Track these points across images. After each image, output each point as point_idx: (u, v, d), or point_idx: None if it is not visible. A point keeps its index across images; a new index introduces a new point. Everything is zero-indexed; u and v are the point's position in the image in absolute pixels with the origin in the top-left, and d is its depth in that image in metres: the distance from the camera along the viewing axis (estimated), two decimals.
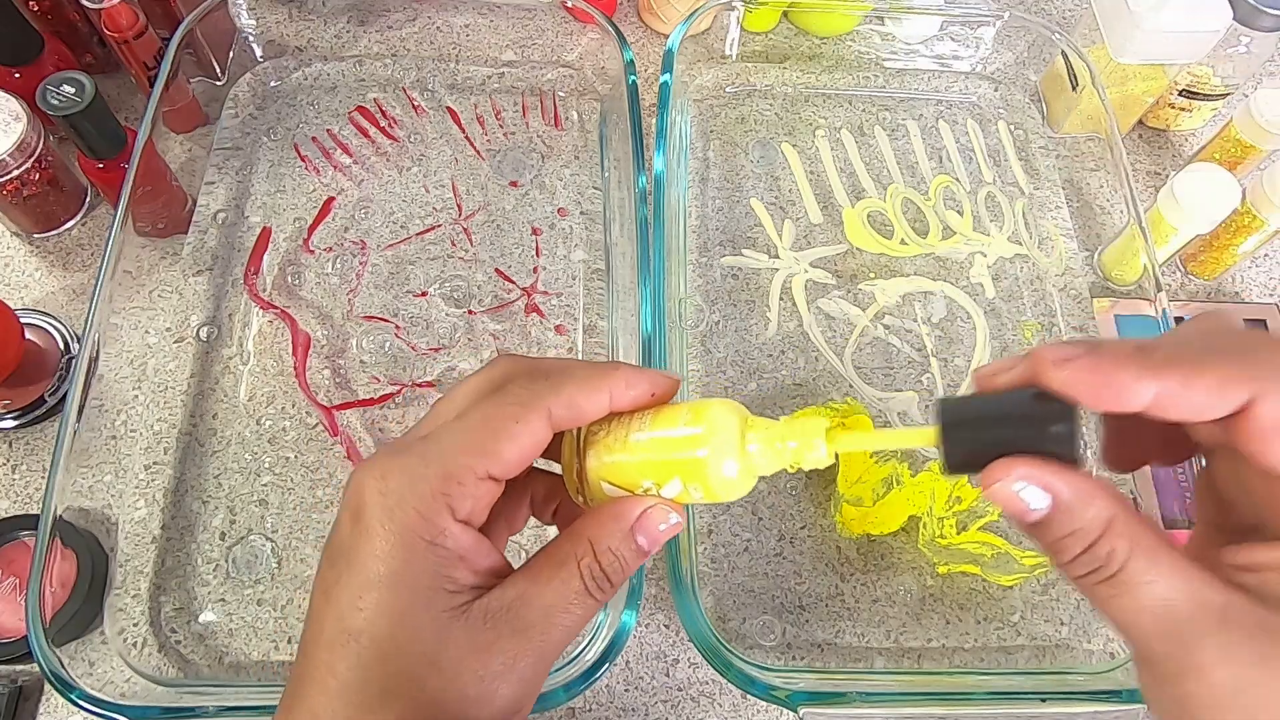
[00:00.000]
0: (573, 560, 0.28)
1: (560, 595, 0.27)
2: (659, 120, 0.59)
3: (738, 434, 0.27)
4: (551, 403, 0.27)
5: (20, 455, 0.54)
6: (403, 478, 0.26)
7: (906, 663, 0.51)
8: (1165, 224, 0.59)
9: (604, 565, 0.28)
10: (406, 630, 0.26)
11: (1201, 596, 0.22)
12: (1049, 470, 0.24)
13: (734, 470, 0.27)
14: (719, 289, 0.61)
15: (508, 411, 0.27)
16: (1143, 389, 0.23)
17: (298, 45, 0.69)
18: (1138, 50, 0.62)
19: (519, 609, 0.27)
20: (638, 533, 0.28)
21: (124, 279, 0.54)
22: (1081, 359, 0.23)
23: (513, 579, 0.28)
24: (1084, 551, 0.24)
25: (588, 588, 0.27)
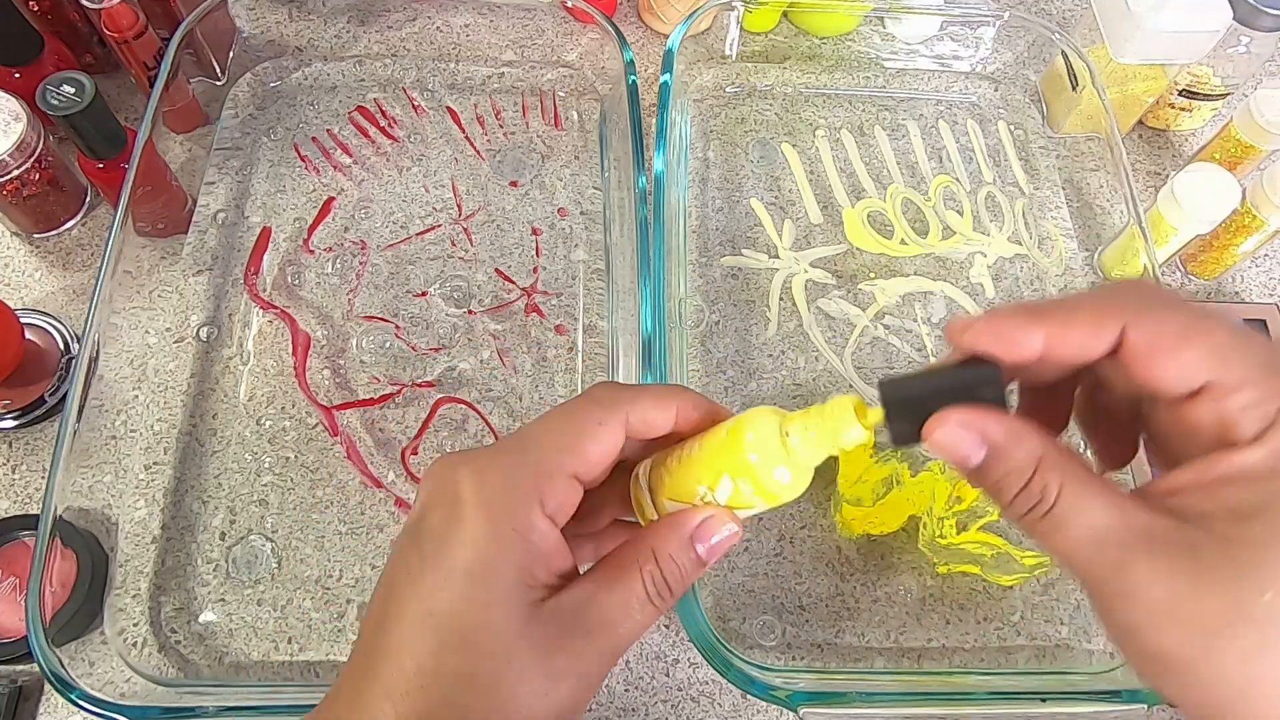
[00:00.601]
0: (635, 567, 0.29)
1: (624, 600, 0.28)
2: (659, 120, 0.59)
3: (776, 431, 0.28)
4: (629, 409, 0.29)
5: (20, 455, 0.54)
6: (500, 472, 0.28)
7: (906, 663, 0.51)
8: (1165, 224, 0.59)
9: (665, 573, 0.29)
10: (488, 621, 0.27)
11: (1129, 521, 0.24)
12: (980, 415, 0.26)
13: (782, 469, 0.28)
14: (719, 289, 0.61)
15: (592, 414, 0.29)
16: (1032, 334, 0.25)
17: (298, 45, 0.69)
18: (1138, 50, 0.62)
19: (586, 611, 0.28)
20: (696, 541, 0.29)
21: (124, 279, 0.54)
22: (980, 320, 0.26)
23: (580, 583, 0.29)
24: (1021, 490, 0.25)
25: (649, 594, 0.29)
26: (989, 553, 0.52)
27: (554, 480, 0.28)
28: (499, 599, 0.27)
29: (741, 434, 0.28)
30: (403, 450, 0.54)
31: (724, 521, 0.29)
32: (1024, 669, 0.51)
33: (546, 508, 0.28)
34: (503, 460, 0.28)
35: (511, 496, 0.27)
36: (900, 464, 0.53)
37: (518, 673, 0.27)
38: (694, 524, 0.29)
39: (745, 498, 0.29)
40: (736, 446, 0.28)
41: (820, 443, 0.28)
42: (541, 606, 0.28)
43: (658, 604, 0.29)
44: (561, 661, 0.27)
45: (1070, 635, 0.52)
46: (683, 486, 0.30)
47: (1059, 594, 0.53)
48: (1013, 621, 0.52)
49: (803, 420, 0.28)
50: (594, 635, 0.28)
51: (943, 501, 0.53)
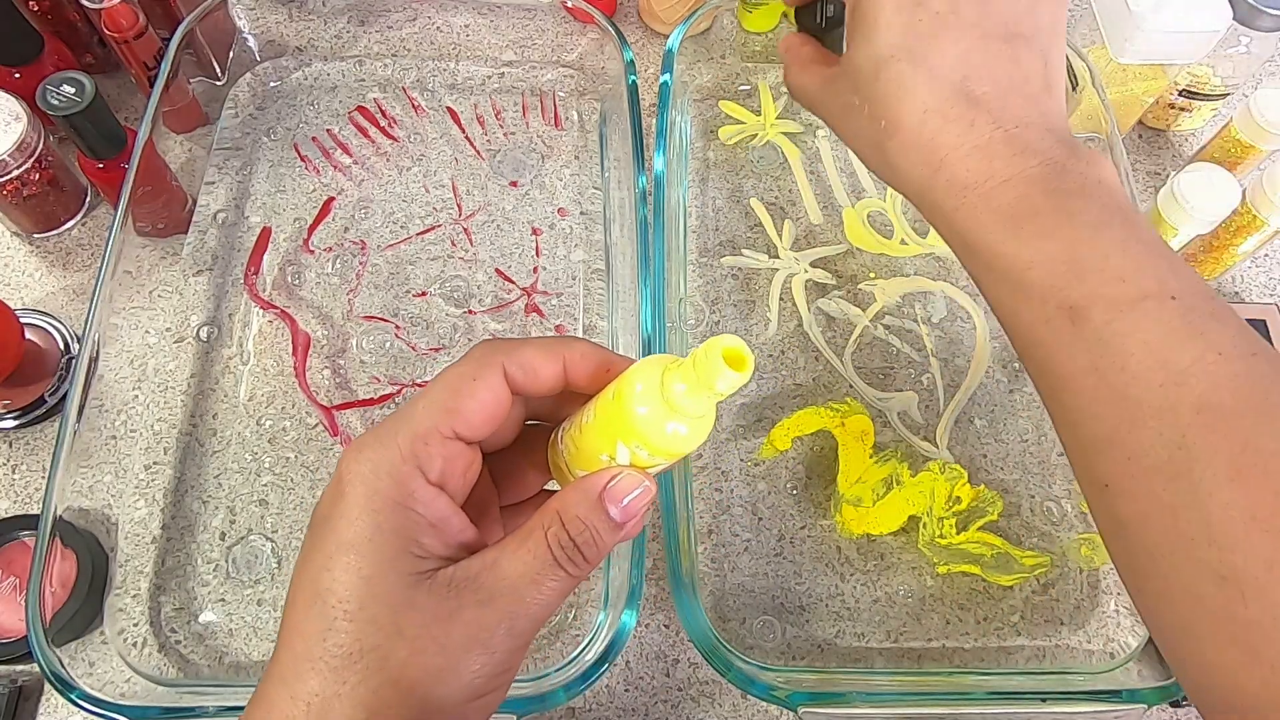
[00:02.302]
0: (539, 530, 0.28)
1: (527, 565, 0.27)
2: (659, 120, 0.59)
3: (658, 384, 0.27)
4: (505, 361, 0.28)
5: (20, 455, 0.54)
6: (377, 444, 0.27)
7: (906, 663, 0.51)
8: (1165, 224, 0.59)
9: (573, 534, 0.28)
10: (372, 592, 0.26)
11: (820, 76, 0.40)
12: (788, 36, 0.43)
13: (671, 423, 0.27)
14: (719, 289, 0.61)
15: (465, 371, 0.28)
16: None
17: (298, 45, 0.69)
18: (1138, 50, 0.62)
19: (484, 579, 0.27)
20: (607, 502, 0.28)
21: (124, 279, 0.54)
22: None
23: (481, 553, 0.28)
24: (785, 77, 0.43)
25: (557, 558, 0.27)
26: (989, 553, 0.52)
27: (430, 444, 0.27)
28: (381, 570, 0.26)
29: (627, 392, 0.27)
30: None
31: (636, 481, 0.28)
32: (1024, 669, 0.51)
33: (429, 474, 0.27)
34: (379, 431, 0.28)
35: (388, 467, 0.27)
36: (900, 464, 0.53)
37: (409, 644, 0.26)
38: (602, 485, 0.28)
39: (643, 459, 0.28)
40: (623, 406, 0.27)
41: (698, 392, 0.26)
42: (434, 576, 0.27)
43: (570, 569, 0.28)
44: (458, 632, 0.26)
45: (1070, 635, 0.52)
46: (585, 455, 0.29)
47: (1059, 594, 0.53)
48: (1013, 621, 0.52)
49: (678, 371, 0.26)
50: (494, 602, 0.27)
51: (942, 501, 0.53)
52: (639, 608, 0.44)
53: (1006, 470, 0.56)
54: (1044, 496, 0.56)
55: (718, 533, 0.53)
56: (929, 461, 0.55)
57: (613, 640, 0.44)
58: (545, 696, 0.43)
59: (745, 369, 0.25)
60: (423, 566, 0.27)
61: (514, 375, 0.29)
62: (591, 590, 0.51)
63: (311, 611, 0.26)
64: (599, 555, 0.28)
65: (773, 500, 0.54)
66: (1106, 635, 0.52)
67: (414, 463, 0.27)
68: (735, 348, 0.25)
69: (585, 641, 0.46)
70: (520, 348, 0.29)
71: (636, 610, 0.44)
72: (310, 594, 0.26)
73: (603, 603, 0.49)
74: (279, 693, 0.26)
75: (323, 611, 0.26)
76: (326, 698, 0.25)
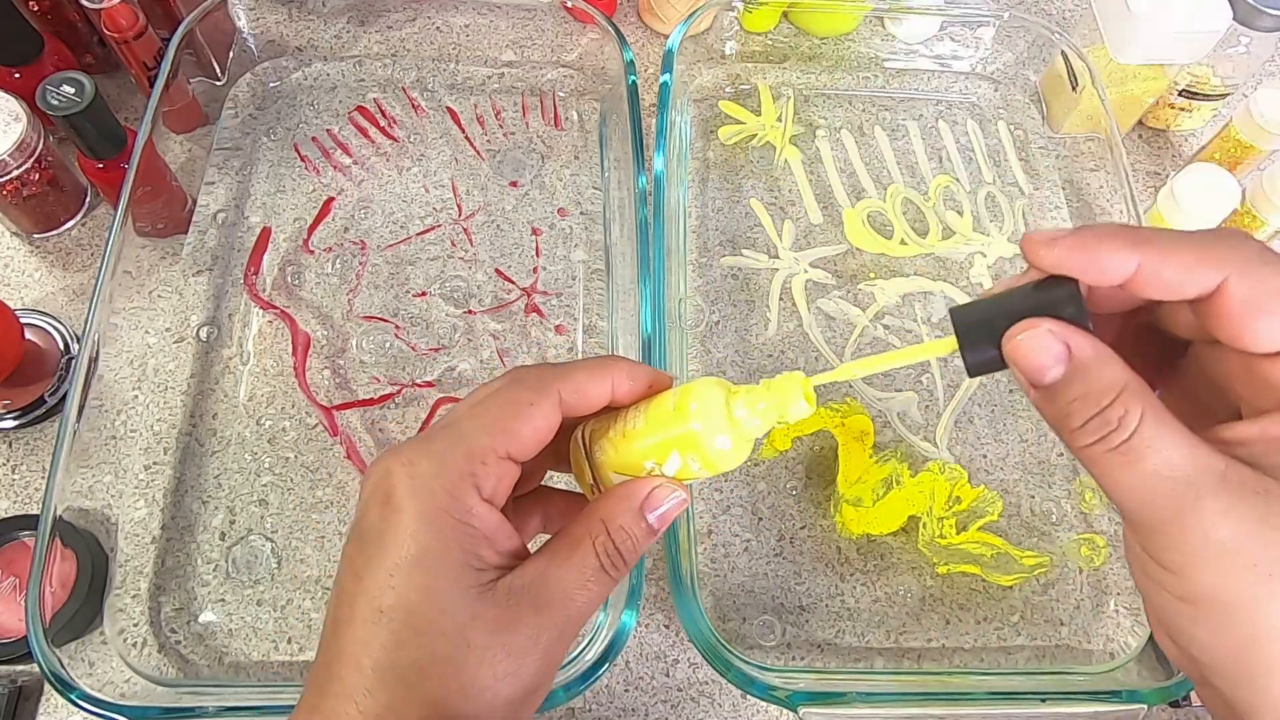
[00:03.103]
0: (587, 539, 0.29)
1: (578, 573, 0.29)
2: (659, 120, 0.59)
3: (723, 403, 0.29)
4: (560, 386, 0.30)
5: (20, 455, 0.54)
6: (430, 460, 0.28)
7: (906, 663, 0.51)
8: (1165, 224, 0.59)
9: (617, 543, 0.29)
10: (438, 606, 0.27)
11: (1205, 462, 0.23)
12: (1067, 327, 0.24)
13: (725, 438, 0.29)
14: (719, 289, 0.61)
15: (522, 395, 0.29)
16: (1126, 259, 0.24)
17: (298, 45, 0.69)
18: (1138, 50, 0.62)
19: (540, 587, 0.28)
20: (646, 510, 0.30)
21: (124, 279, 0.54)
22: (1068, 236, 0.25)
23: (532, 560, 0.29)
24: (1096, 415, 0.24)
25: (603, 565, 0.29)
26: (989, 553, 0.52)
27: (487, 464, 0.28)
28: (447, 584, 0.27)
29: (688, 407, 0.29)
30: None
31: (672, 490, 0.30)
32: (1024, 669, 0.51)
33: (483, 491, 0.28)
34: (433, 448, 0.28)
35: (445, 483, 0.27)
36: (900, 464, 0.53)
37: (478, 654, 0.27)
38: (643, 495, 0.29)
39: (693, 470, 0.30)
40: (683, 420, 0.29)
41: (767, 415, 0.29)
42: (494, 587, 0.28)
43: (612, 574, 0.29)
44: (521, 638, 0.27)
45: (1070, 635, 0.52)
46: (628, 461, 0.30)
47: (1059, 594, 0.53)
48: (1013, 621, 0.52)
49: (749, 394, 0.29)
50: (550, 608, 0.28)
51: (942, 501, 0.53)
52: (639, 608, 0.44)
53: (1006, 470, 0.56)
54: (1044, 496, 0.56)
55: (718, 533, 0.53)
56: (929, 462, 0.55)
57: (613, 640, 0.44)
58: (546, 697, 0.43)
59: (813, 404, 0.29)
60: (483, 578, 0.28)
61: (567, 400, 0.30)
62: None
63: (378, 628, 0.27)
64: (635, 559, 0.30)
65: (773, 500, 0.54)
66: (1106, 635, 0.52)
67: (471, 480, 0.28)
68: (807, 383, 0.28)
69: (585, 641, 0.46)
70: (572, 373, 0.30)
71: (636, 610, 0.44)
72: (373, 611, 0.27)
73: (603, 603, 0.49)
74: (344, 708, 0.27)
75: (391, 628, 0.27)
76: (398, 710, 0.26)
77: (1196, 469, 0.23)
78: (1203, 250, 0.24)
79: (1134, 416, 0.23)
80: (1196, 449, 0.23)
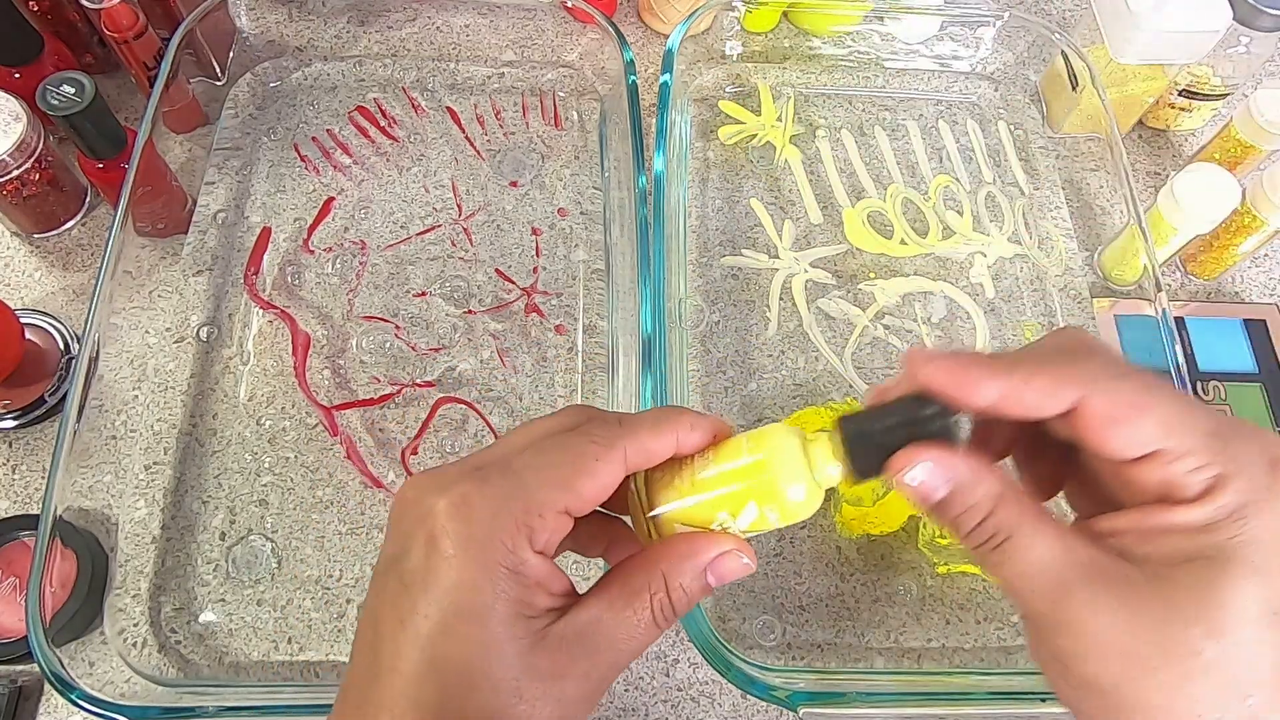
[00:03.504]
0: (645, 593, 0.28)
1: (631, 624, 0.28)
2: (659, 120, 0.59)
3: (800, 452, 0.28)
4: (628, 444, 0.28)
5: (20, 455, 0.54)
6: (486, 507, 0.27)
7: (906, 663, 0.51)
8: (1165, 224, 0.59)
9: (674, 600, 0.29)
10: (493, 660, 0.26)
11: (1073, 556, 0.26)
12: (945, 455, 0.27)
13: (801, 487, 0.28)
14: (719, 289, 0.61)
15: (590, 450, 0.28)
16: (990, 386, 0.26)
17: (298, 45, 0.69)
18: (1138, 50, 0.62)
19: (592, 634, 0.28)
20: (710, 572, 0.29)
21: (124, 279, 0.54)
22: (942, 360, 0.27)
23: (586, 603, 0.28)
24: (978, 524, 0.27)
25: (655, 618, 0.28)
26: None
27: (545, 518, 0.27)
28: (499, 638, 0.26)
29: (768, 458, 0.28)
30: (403, 450, 0.54)
31: (741, 559, 0.29)
32: (1024, 669, 0.51)
33: (535, 544, 0.27)
34: (488, 492, 0.27)
35: (499, 534, 0.26)
36: None
37: (530, 705, 0.26)
38: (710, 556, 0.29)
39: (770, 522, 0.29)
40: (762, 472, 0.28)
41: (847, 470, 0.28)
42: (546, 634, 0.27)
43: (661, 626, 0.29)
44: (571, 687, 0.27)
45: None
46: (698, 512, 0.29)
47: None
48: (1013, 621, 0.52)
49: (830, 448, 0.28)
50: (600, 655, 0.28)
51: None
52: None
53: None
54: None
55: None
56: None
57: None
58: None
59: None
60: (536, 626, 0.27)
61: (632, 458, 0.29)
62: None
63: (428, 682, 0.26)
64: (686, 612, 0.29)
65: None
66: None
67: (526, 533, 0.27)
68: None
69: None
70: (638, 432, 0.29)
71: None
72: (423, 661, 0.26)
73: None
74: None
75: (443, 681, 0.26)
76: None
77: (1067, 563, 0.26)
78: (1060, 372, 0.26)
79: (1008, 525, 0.26)
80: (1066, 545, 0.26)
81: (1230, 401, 0.60)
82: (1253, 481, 0.25)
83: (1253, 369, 0.62)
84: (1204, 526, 0.25)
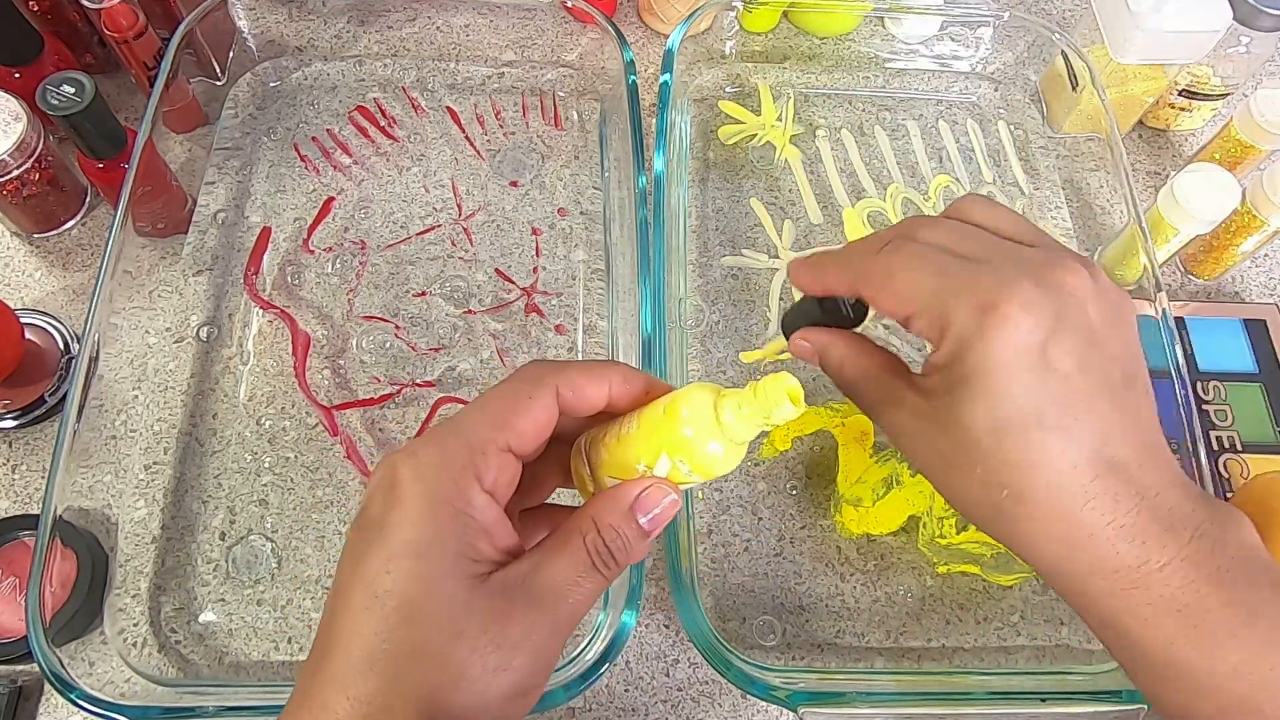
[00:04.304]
0: (578, 536, 0.29)
1: (569, 569, 0.29)
2: (659, 120, 0.59)
3: (711, 408, 0.29)
4: (559, 381, 0.30)
5: (20, 455, 0.54)
6: (434, 451, 0.28)
7: (906, 663, 0.51)
8: (1165, 224, 0.59)
9: (607, 541, 0.29)
10: (433, 595, 0.27)
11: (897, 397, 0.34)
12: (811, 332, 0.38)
13: (716, 443, 0.29)
14: (719, 289, 0.61)
15: (521, 389, 0.30)
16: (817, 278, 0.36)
17: (298, 45, 0.69)
18: (1138, 50, 0.62)
19: (532, 581, 0.28)
20: (638, 511, 0.30)
21: (124, 279, 0.54)
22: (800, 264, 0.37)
23: (526, 555, 0.30)
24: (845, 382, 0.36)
25: (594, 563, 0.29)
26: (989, 553, 0.52)
27: (487, 455, 0.29)
28: (443, 573, 0.27)
29: (677, 411, 0.29)
30: None
31: (664, 493, 0.30)
32: (1024, 669, 0.51)
33: (484, 483, 0.28)
34: (436, 440, 0.29)
35: (447, 473, 0.28)
36: (900, 464, 0.53)
37: (469, 644, 0.27)
38: (634, 496, 0.30)
39: (683, 474, 0.30)
40: (673, 423, 0.29)
41: (752, 419, 0.29)
42: (488, 579, 0.28)
43: (604, 572, 0.29)
44: (514, 632, 0.27)
45: (1070, 635, 0.52)
46: (621, 464, 0.30)
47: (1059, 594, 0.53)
48: (1012, 621, 0.52)
49: (737, 398, 0.29)
50: (543, 604, 0.28)
51: (942, 501, 0.53)
52: (639, 608, 0.44)
53: None
54: None
55: (718, 533, 0.53)
56: None
57: (613, 640, 0.44)
58: (545, 696, 0.43)
59: (800, 404, 0.29)
60: (478, 570, 0.28)
61: (564, 396, 0.30)
62: None
63: (370, 614, 0.27)
64: (628, 560, 0.30)
65: (773, 500, 0.54)
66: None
67: (472, 471, 0.28)
68: (794, 387, 0.29)
69: (585, 641, 0.46)
70: (568, 370, 0.31)
71: (636, 610, 0.44)
72: (367, 597, 0.27)
73: (603, 603, 0.49)
74: (333, 695, 0.27)
75: (383, 614, 0.27)
76: (386, 698, 0.26)
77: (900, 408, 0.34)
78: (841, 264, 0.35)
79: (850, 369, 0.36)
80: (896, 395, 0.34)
81: (1230, 401, 0.60)
82: (963, 328, 0.30)
83: (1253, 369, 0.62)
84: (943, 366, 0.31)
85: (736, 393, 0.29)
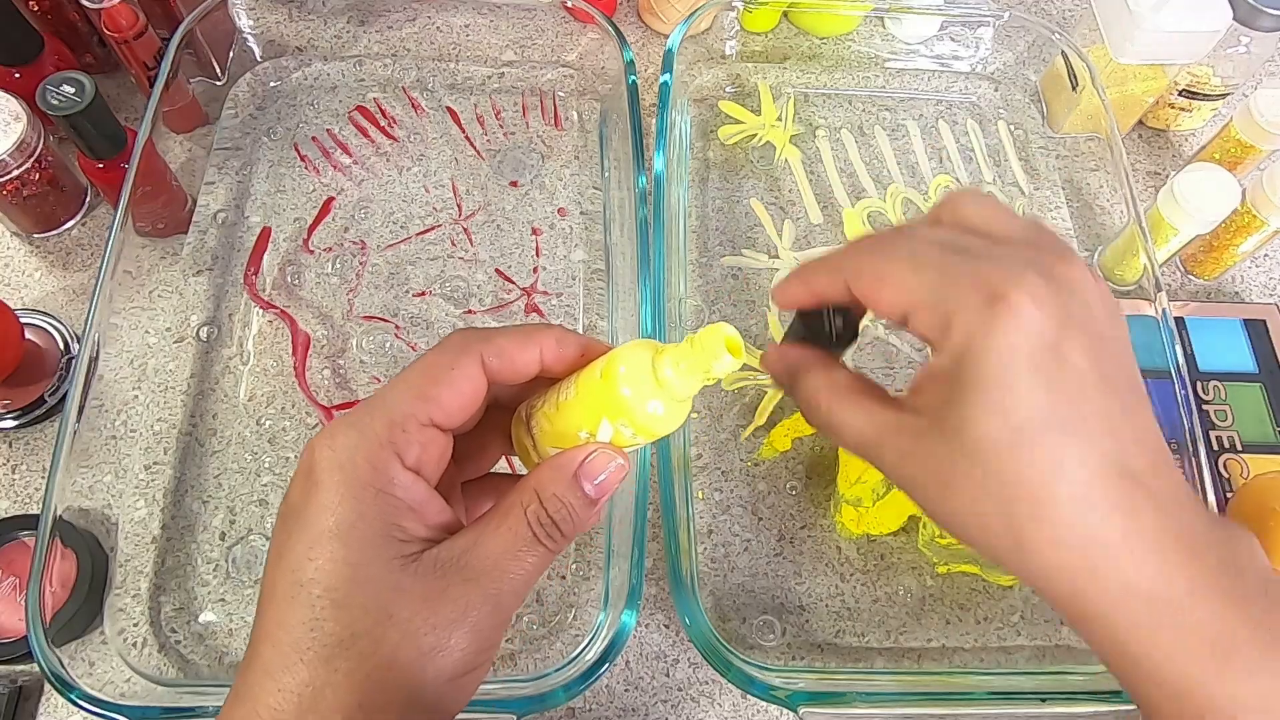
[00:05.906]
0: (519, 508, 0.28)
1: (509, 542, 0.28)
2: (659, 120, 0.59)
3: (649, 366, 0.28)
4: (483, 349, 0.29)
5: (20, 455, 0.54)
6: (350, 432, 0.27)
7: (906, 663, 0.51)
8: (1165, 224, 0.59)
9: (551, 512, 0.28)
10: (359, 579, 0.26)
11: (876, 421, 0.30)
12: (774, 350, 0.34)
13: (656, 402, 0.28)
14: (719, 289, 0.61)
15: (443, 360, 0.29)
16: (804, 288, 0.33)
17: (298, 45, 0.69)
18: (1138, 50, 0.62)
19: (468, 557, 0.27)
20: (582, 479, 0.29)
21: (124, 279, 0.54)
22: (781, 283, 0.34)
23: (464, 531, 0.28)
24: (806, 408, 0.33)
25: (536, 535, 0.28)
26: None
27: (408, 431, 0.27)
28: (367, 557, 0.26)
29: (614, 371, 0.28)
30: None
31: (609, 458, 0.29)
32: (1024, 669, 0.51)
33: (406, 459, 0.27)
34: (354, 420, 0.27)
35: (364, 453, 0.27)
36: None
37: (400, 627, 0.26)
38: (577, 462, 0.29)
39: (626, 437, 0.29)
40: (610, 385, 0.28)
41: (692, 373, 0.28)
42: (419, 558, 0.27)
43: (548, 544, 0.28)
44: (447, 611, 0.26)
45: (1070, 635, 0.52)
46: (562, 432, 0.29)
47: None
48: (1012, 621, 0.52)
49: (674, 353, 0.28)
50: (480, 580, 0.27)
51: None
52: (639, 608, 0.44)
53: None
54: None
55: (718, 533, 0.53)
56: None
57: (613, 640, 0.44)
58: (545, 696, 0.43)
59: (740, 355, 0.28)
60: (406, 550, 0.27)
61: (491, 364, 0.29)
62: (591, 590, 0.51)
63: (296, 603, 0.26)
64: (575, 530, 0.29)
65: (773, 500, 0.54)
66: None
67: (391, 449, 0.27)
68: (732, 336, 0.28)
69: (585, 641, 0.46)
70: (495, 336, 0.29)
71: (636, 610, 0.44)
72: (292, 586, 0.26)
73: (603, 603, 0.49)
74: (264, 686, 0.26)
75: (308, 602, 0.26)
76: (317, 687, 0.25)
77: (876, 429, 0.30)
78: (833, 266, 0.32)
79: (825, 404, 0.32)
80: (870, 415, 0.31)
81: (1230, 401, 0.60)
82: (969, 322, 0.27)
83: (1253, 369, 0.62)
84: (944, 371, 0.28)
85: (673, 347, 0.28)
